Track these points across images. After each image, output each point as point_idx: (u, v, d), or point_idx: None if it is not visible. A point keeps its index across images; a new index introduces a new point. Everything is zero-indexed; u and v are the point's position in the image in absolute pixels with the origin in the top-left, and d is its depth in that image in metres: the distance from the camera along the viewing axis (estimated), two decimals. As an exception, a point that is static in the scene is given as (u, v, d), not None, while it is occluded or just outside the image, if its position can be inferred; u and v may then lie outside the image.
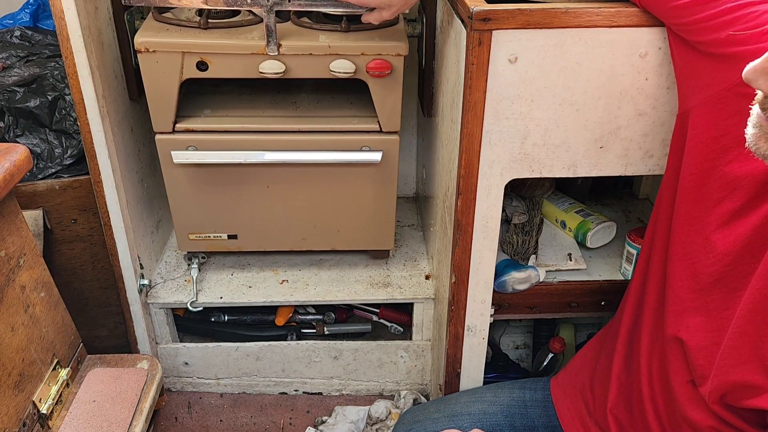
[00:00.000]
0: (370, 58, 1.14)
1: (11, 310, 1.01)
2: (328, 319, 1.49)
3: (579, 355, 1.11)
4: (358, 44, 1.13)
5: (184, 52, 1.12)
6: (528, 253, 1.20)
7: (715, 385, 0.73)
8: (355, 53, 1.13)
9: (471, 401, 1.12)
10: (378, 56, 1.14)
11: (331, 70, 1.14)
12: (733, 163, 0.73)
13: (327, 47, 1.12)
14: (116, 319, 1.42)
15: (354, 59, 1.14)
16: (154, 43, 1.12)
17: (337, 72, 1.14)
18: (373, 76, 1.15)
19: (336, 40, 1.13)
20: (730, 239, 0.73)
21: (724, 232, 0.74)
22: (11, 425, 0.99)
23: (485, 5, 0.87)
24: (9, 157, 0.99)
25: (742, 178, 0.72)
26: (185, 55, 1.13)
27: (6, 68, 1.37)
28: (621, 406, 0.94)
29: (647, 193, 1.48)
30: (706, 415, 0.77)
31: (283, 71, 1.13)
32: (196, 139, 1.22)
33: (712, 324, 0.76)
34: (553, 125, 0.96)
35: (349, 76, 1.15)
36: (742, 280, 0.71)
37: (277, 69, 1.13)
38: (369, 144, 1.23)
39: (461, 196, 1.02)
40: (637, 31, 0.89)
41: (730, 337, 0.71)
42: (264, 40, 1.10)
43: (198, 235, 1.35)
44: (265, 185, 1.28)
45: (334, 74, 1.15)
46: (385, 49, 1.13)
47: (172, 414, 1.43)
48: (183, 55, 1.13)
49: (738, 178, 0.72)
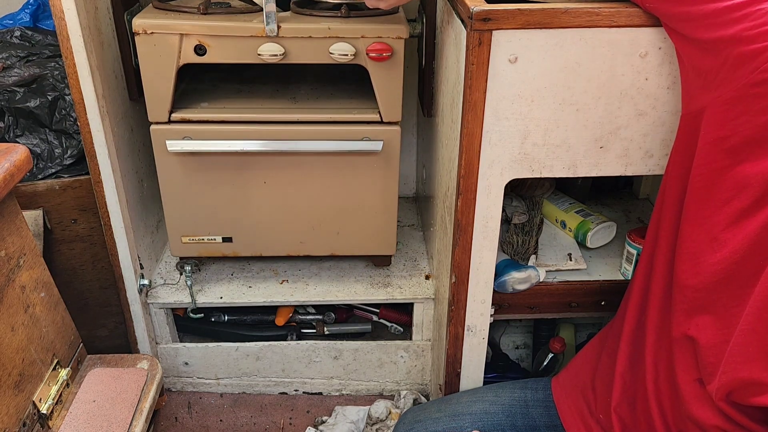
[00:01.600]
0: (370, 41, 1.12)
1: (11, 310, 1.01)
2: (328, 319, 1.49)
3: (580, 355, 1.11)
4: (358, 26, 1.12)
5: (182, 34, 1.11)
6: (528, 253, 1.20)
7: (722, 382, 0.73)
8: (355, 36, 1.12)
9: (472, 401, 1.12)
10: (378, 39, 1.12)
11: (330, 54, 1.13)
12: (744, 163, 0.73)
13: (327, 29, 1.11)
14: (116, 319, 1.42)
15: (354, 42, 1.13)
16: (152, 25, 1.10)
17: (336, 55, 1.13)
18: (373, 59, 1.14)
19: (336, 24, 1.12)
20: (739, 237, 0.73)
21: (733, 231, 0.74)
22: (11, 425, 0.99)
23: (485, 5, 0.87)
24: (9, 157, 0.99)
25: (752, 177, 0.72)
26: (183, 37, 1.11)
27: (6, 68, 1.37)
28: (625, 405, 0.94)
29: (647, 193, 1.48)
30: (712, 413, 0.77)
31: (282, 54, 1.12)
32: (193, 130, 1.20)
33: (721, 321, 0.76)
34: (553, 125, 0.96)
35: (348, 60, 1.13)
36: (752, 278, 0.71)
37: (276, 51, 1.11)
38: (369, 134, 1.22)
39: (461, 196, 1.02)
40: (637, 31, 0.89)
41: (739, 335, 0.71)
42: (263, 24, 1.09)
43: (191, 238, 1.33)
44: (262, 180, 1.26)
45: (333, 58, 1.13)
46: (385, 32, 1.12)
47: (172, 414, 1.43)
48: (181, 37, 1.11)
49: (748, 177, 0.72)
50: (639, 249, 1.15)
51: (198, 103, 1.24)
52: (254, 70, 1.38)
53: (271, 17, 1.08)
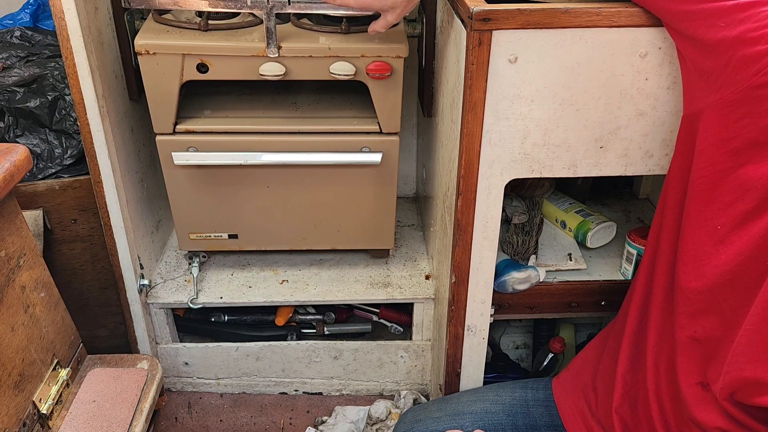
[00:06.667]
0: (370, 60, 1.14)
1: (11, 310, 1.01)
2: (328, 319, 1.49)
3: (581, 355, 1.11)
4: (358, 46, 1.13)
5: (185, 54, 1.13)
6: (528, 253, 1.20)
7: (726, 381, 0.73)
8: (355, 55, 1.14)
9: (473, 400, 1.12)
10: (378, 58, 1.14)
11: (331, 72, 1.14)
12: (747, 166, 0.73)
13: (327, 49, 1.12)
14: (116, 319, 1.42)
15: (354, 61, 1.14)
16: (154, 45, 1.12)
17: (337, 74, 1.14)
18: (374, 78, 1.15)
19: (336, 42, 1.13)
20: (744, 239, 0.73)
21: (738, 233, 0.74)
22: (11, 425, 0.99)
23: (485, 5, 0.87)
24: (9, 157, 1.00)
25: (756, 179, 0.72)
26: (185, 57, 1.13)
27: (6, 68, 1.37)
28: (626, 406, 0.94)
29: (647, 193, 1.48)
30: (716, 415, 0.77)
31: (283, 73, 1.14)
32: (197, 140, 1.22)
33: (726, 322, 0.76)
34: (553, 125, 0.96)
35: (349, 78, 1.15)
36: (758, 280, 0.71)
37: (278, 71, 1.13)
38: (369, 145, 1.24)
39: (461, 196, 1.02)
40: (637, 31, 0.89)
41: (743, 334, 0.71)
42: (264, 42, 1.11)
43: (198, 235, 1.35)
44: (266, 186, 1.29)
45: (334, 76, 1.15)
46: (385, 51, 1.14)
47: (172, 414, 1.43)
48: (183, 57, 1.13)
49: (752, 179, 0.72)
50: (639, 249, 1.15)
51: (201, 111, 1.26)
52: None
53: (272, 39, 1.10)
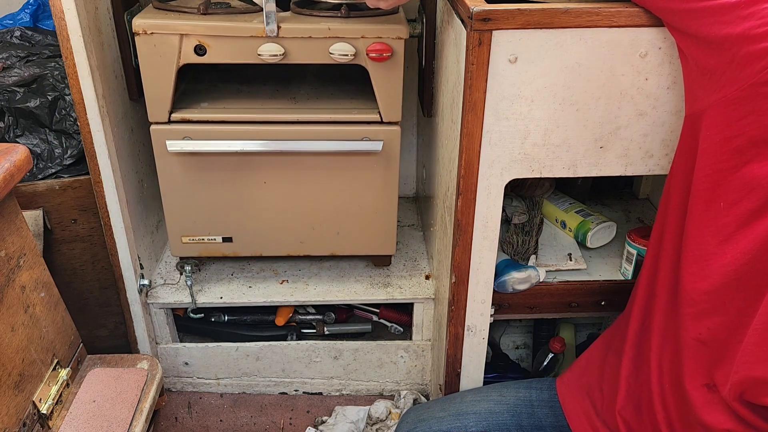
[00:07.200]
0: (370, 41, 1.13)
1: (11, 310, 1.01)
2: (328, 319, 1.49)
3: (585, 356, 1.10)
4: (358, 27, 1.12)
5: (182, 34, 1.11)
6: (528, 253, 1.20)
7: (735, 381, 0.73)
8: (355, 36, 1.12)
9: (476, 400, 1.11)
10: (378, 39, 1.13)
11: (330, 54, 1.13)
12: (751, 164, 0.73)
13: (327, 29, 1.11)
14: (116, 319, 1.42)
15: (354, 42, 1.13)
16: (152, 25, 1.10)
17: (336, 55, 1.13)
18: (373, 60, 1.14)
19: (336, 24, 1.13)
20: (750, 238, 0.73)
21: (744, 232, 0.73)
22: (11, 425, 0.99)
23: (485, 5, 0.87)
24: (9, 157, 1.00)
25: (761, 177, 0.71)
26: (183, 37, 1.11)
27: (6, 68, 1.37)
28: (630, 408, 0.94)
29: (647, 193, 1.48)
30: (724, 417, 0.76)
31: (282, 54, 1.12)
32: (193, 130, 1.20)
33: (732, 323, 0.75)
34: (553, 125, 0.96)
35: (348, 60, 1.13)
36: (764, 279, 0.71)
37: (276, 51, 1.12)
38: (369, 135, 1.22)
39: (461, 196, 1.02)
40: (637, 31, 0.89)
41: (752, 334, 0.71)
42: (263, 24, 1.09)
43: (191, 238, 1.33)
44: (262, 180, 1.26)
45: (333, 58, 1.13)
46: (385, 32, 1.12)
47: (172, 414, 1.43)
48: (181, 37, 1.11)
49: (756, 178, 0.72)
50: (639, 249, 1.15)
51: (198, 103, 1.24)
52: (254, 70, 1.38)
53: (271, 17, 1.08)
